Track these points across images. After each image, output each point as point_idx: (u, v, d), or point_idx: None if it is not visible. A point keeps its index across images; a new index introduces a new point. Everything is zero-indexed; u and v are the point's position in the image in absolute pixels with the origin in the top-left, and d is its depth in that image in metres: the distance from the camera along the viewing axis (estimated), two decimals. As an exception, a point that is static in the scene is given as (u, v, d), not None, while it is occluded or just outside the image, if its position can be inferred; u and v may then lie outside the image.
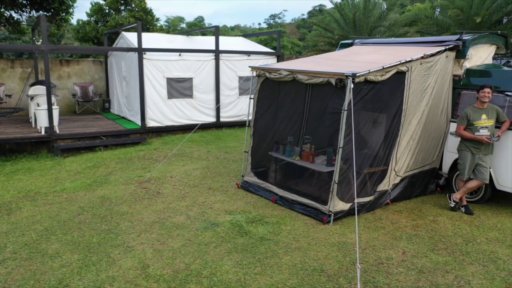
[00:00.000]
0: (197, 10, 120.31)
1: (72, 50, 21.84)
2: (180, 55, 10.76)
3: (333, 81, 5.09)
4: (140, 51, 10.17)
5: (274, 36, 43.87)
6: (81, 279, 4.11)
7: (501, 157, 5.76)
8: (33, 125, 10.51)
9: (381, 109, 5.78)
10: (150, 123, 10.73)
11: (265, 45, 40.48)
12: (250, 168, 6.71)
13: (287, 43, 40.51)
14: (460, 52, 6.30)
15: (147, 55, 10.32)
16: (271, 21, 64.05)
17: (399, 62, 5.45)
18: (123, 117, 12.29)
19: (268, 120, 6.60)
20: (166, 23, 54.22)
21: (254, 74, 6.54)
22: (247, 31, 51.49)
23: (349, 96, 4.93)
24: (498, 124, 5.64)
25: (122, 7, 19.53)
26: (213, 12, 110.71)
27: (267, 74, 6.20)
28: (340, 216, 5.38)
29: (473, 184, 5.71)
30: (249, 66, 6.60)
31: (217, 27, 11.65)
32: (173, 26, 46.67)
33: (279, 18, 64.14)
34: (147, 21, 19.34)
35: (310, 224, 5.33)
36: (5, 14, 14.15)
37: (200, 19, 56.96)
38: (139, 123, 10.71)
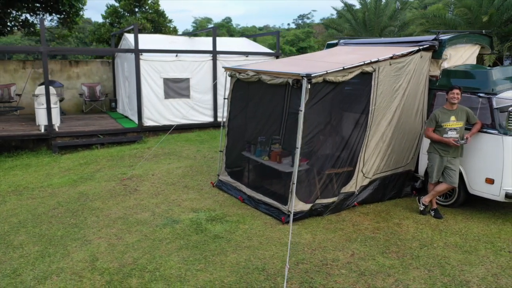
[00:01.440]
0: (227, 11, 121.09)
1: (71, 51, 22.63)
2: (176, 56, 10.98)
3: (290, 81, 5.10)
4: (137, 52, 10.46)
5: (301, 36, 43.87)
6: (33, 269, 4.32)
7: (473, 160, 5.59)
8: (37, 123, 10.98)
9: (345, 109, 5.73)
10: (147, 122, 11.01)
11: (292, 45, 40.73)
12: (224, 168, 6.80)
13: (314, 44, 40.56)
14: (437, 52, 6.16)
15: (143, 56, 10.60)
16: (300, 21, 63.40)
17: (362, 63, 5.39)
18: (126, 116, 12.65)
19: (242, 120, 6.65)
20: (194, 24, 55.06)
21: (228, 74, 6.62)
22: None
23: (305, 96, 4.93)
24: (470, 126, 5.49)
25: (136, 9, 20.06)
26: (243, 13, 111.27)
27: (237, 75, 6.27)
28: (301, 216, 5.37)
29: (441, 187, 5.57)
30: (223, 67, 6.68)
31: (214, 28, 11.83)
32: (201, 27, 47.39)
33: (308, 18, 63.42)
34: (160, 22, 19.78)
35: (270, 223, 5.36)
36: (21, 18, 14.84)
37: (227, 20, 57.18)
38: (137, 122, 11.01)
